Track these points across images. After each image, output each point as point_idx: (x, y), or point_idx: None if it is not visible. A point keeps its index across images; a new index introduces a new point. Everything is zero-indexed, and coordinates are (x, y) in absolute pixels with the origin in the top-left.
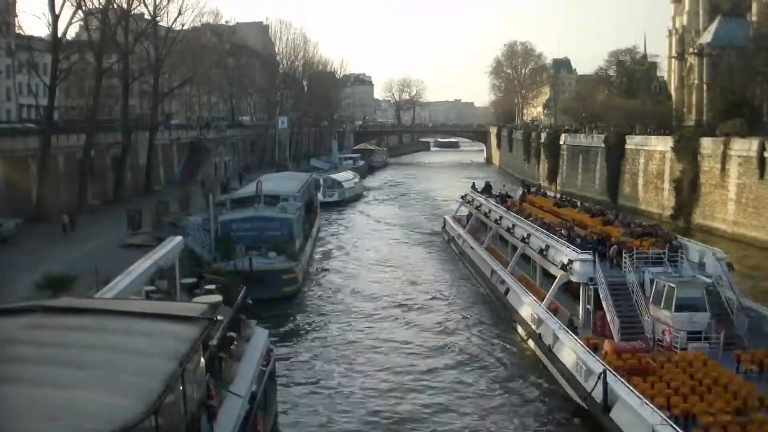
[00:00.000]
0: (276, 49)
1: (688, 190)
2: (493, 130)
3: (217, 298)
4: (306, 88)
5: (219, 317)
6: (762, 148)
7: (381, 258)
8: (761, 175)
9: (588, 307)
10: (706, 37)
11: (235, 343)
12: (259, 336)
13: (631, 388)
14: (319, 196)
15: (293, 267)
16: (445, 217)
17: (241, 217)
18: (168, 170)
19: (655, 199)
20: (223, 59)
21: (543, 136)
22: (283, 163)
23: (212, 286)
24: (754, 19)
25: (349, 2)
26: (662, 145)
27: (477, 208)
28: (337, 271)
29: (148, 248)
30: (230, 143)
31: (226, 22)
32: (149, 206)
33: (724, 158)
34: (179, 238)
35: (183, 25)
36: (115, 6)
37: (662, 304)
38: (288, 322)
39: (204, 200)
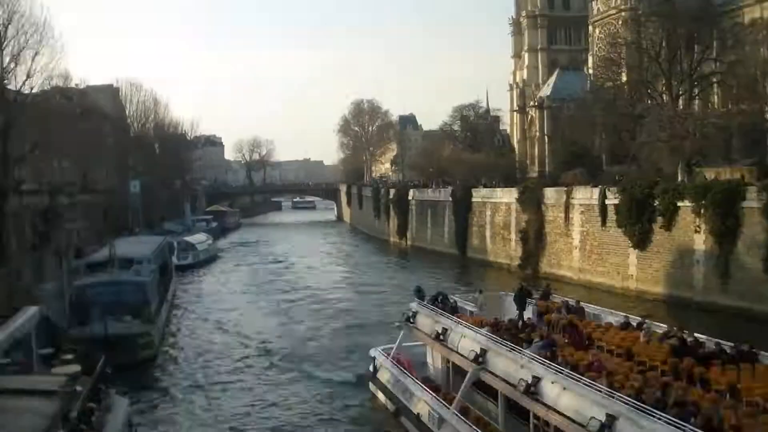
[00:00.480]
0: (127, 112)
1: (534, 240)
2: (343, 188)
3: (75, 368)
4: (158, 150)
5: (78, 388)
6: (603, 197)
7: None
8: (603, 223)
9: None
10: (546, 91)
11: (96, 414)
12: (120, 405)
13: None
14: (174, 259)
15: (149, 330)
16: (375, 354)
17: (95, 281)
18: (20, 238)
19: (503, 249)
20: (74, 123)
21: (392, 192)
22: (136, 226)
23: (70, 356)
24: (590, 72)
25: (198, 62)
26: (507, 196)
27: (479, 362)
28: (194, 334)
29: (1, 320)
30: (82, 208)
31: (77, 85)
32: (1, 276)
33: (568, 207)
34: (34, 307)
35: (32, 89)
36: None
37: None
38: (147, 388)
39: (58, 267)
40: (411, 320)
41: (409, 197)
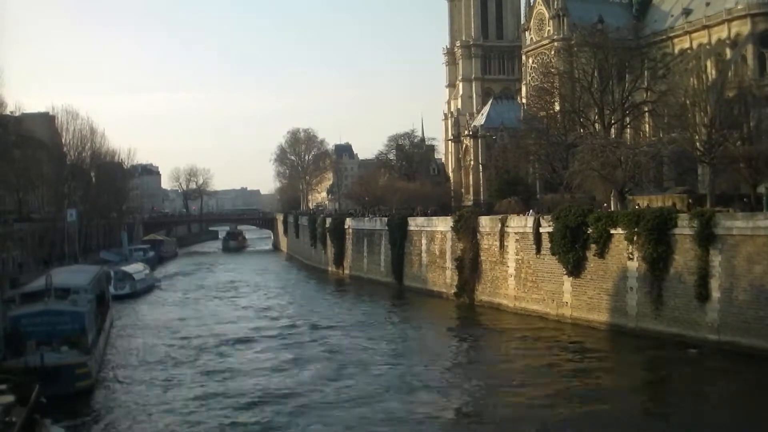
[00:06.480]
0: (63, 140)
1: (470, 268)
2: (280, 217)
3: (9, 398)
4: (94, 179)
5: (12, 419)
6: (537, 225)
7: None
8: (538, 251)
9: None
10: (480, 120)
11: None
12: None
13: None
14: (111, 289)
15: (86, 361)
16: None
17: (31, 311)
18: None
19: (440, 278)
20: (9, 151)
21: (328, 221)
22: (73, 256)
23: (3, 386)
24: (523, 101)
25: (132, 92)
26: (443, 225)
27: None
28: (131, 364)
29: None
30: (18, 237)
31: (11, 112)
32: None
33: (503, 236)
34: None
35: None
36: None
37: None
38: (84, 418)
39: None
40: None
41: (346, 226)
